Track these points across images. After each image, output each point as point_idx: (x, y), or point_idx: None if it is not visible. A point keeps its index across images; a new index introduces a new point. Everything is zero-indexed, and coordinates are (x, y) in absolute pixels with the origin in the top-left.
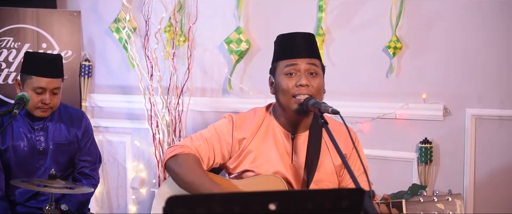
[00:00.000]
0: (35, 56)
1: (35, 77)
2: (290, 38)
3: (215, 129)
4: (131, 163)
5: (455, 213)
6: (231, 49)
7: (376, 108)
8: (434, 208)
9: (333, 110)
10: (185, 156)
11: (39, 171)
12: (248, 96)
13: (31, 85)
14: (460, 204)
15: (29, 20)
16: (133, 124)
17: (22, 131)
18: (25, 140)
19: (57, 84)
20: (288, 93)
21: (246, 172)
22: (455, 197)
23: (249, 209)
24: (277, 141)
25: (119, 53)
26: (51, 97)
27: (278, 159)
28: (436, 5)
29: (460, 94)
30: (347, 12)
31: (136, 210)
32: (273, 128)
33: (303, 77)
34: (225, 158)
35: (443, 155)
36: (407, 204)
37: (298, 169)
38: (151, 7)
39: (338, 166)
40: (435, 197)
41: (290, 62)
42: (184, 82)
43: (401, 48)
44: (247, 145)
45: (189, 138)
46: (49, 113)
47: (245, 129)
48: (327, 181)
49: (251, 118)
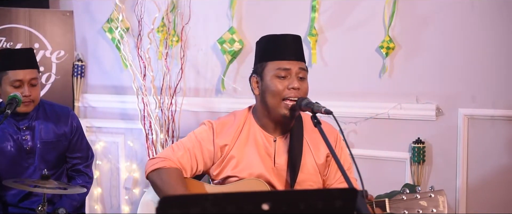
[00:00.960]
0: (6, 52)
1: (10, 71)
2: (281, 40)
3: (196, 137)
4: (124, 163)
5: (438, 209)
6: (224, 49)
7: (369, 108)
8: (417, 205)
9: (326, 109)
10: (168, 170)
11: (28, 170)
12: (241, 97)
13: (8, 81)
14: (443, 201)
15: (21, 20)
16: (126, 124)
17: (7, 131)
18: (11, 141)
19: (34, 75)
20: (278, 95)
21: (229, 177)
22: (438, 193)
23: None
24: (258, 144)
25: (112, 53)
26: (30, 90)
27: (260, 162)
28: (429, 5)
29: (453, 94)
30: (340, 12)
31: (129, 210)
32: (254, 132)
33: (295, 81)
34: (208, 165)
35: (436, 155)
36: (391, 203)
37: (281, 171)
38: (144, 7)
39: (321, 164)
40: (418, 195)
41: (282, 65)
42: (177, 82)
43: (394, 48)
44: (229, 151)
45: (171, 148)
46: (31, 106)
47: (225, 135)
48: (311, 181)
49: (231, 123)
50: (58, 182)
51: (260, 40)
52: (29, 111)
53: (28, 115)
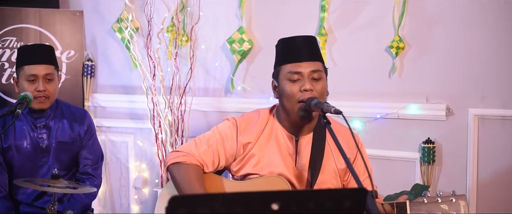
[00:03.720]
0: (24, 48)
1: (26, 66)
2: (292, 42)
3: (219, 133)
4: (134, 163)
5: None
6: (234, 49)
7: (379, 108)
8: (438, 209)
9: (336, 109)
10: (187, 166)
11: (42, 169)
12: (250, 96)
13: (24, 76)
14: (464, 205)
15: (32, 20)
16: (135, 124)
17: (25, 129)
18: (28, 138)
19: (49, 71)
20: (293, 98)
21: (250, 175)
22: (459, 198)
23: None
24: (280, 143)
25: (121, 53)
26: (45, 85)
27: (281, 161)
28: (439, 5)
29: (463, 94)
30: (349, 12)
31: (138, 210)
32: (276, 131)
33: (306, 82)
34: (229, 161)
35: (446, 155)
36: (411, 205)
37: (302, 171)
38: (153, 7)
39: (342, 169)
40: (439, 198)
41: (293, 67)
42: (187, 82)
43: (403, 48)
44: (251, 148)
45: (194, 142)
46: (47, 103)
47: (249, 133)
48: (330, 184)
49: (255, 121)
50: (68, 182)
51: (277, 43)
52: (44, 108)
53: (45, 113)
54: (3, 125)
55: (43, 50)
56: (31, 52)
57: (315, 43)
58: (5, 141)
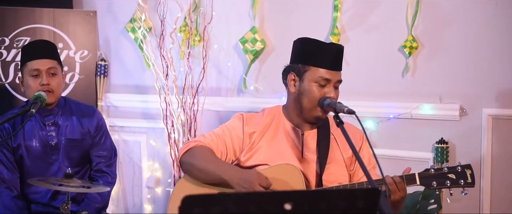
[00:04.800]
0: (26, 45)
1: (29, 62)
2: (329, 49)
3: (226, 126)
4: (147, 162)
5: (466, 181)
6: (246, 49)
7: (392, 108)
8: (446, 178)
9: (349, 109)
10: (199, 147)
11: (53, 167)
12: (263, 96)
13: (28, 72)
14: (470, 173)
15: (45, 20)
16: (148, 124)
17: (33, 127)
18: (37, 137)
19: (51, 65)
20: (315, 101)
21: (258, 165)
22: (465, 167)
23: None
24: (288, 136)
25: (134, 53)
26: (49, 79)
27: (290, 152)
28: (452, 4)
29: (477, 94)
30: (362, 11)
31: (151, 209)
32: (283, 125)
33: (332, 90)
34: (237, 153)
35: (460, 155)
36: (420, 176)
37: (310, 162)
38: (166, 7)
39: (348, 158)
40: (446, 168)
41: (326, 74)
42: (199, 82)
43: (417, 48)
44: (258, 140)
45: (202, 135)
46: (52, 97)
47: (254, 124)
48: (338, 173)
49: (260, 116)
50: (82, 181)
51: (303, 40)
52: (50, 102)
53: (53, 110)
54: (13, 125)
55: (44, 45)
56: (33, 48)
57: (343, 53)
58: (14, 140)
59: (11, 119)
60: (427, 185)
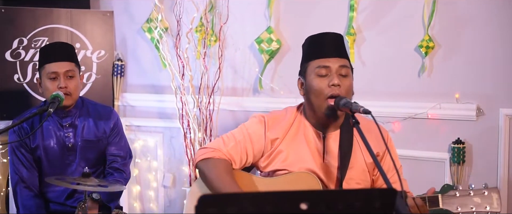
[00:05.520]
0: (44, 47)
1: (47, 65)
2: (320, 38)
3: (247, 130)
4: (163, 162)
5: (492, 206)
6: (262, 49)
7: (408, 108)
8: (471, 202)
9: (365, 109)
10: (217, 161)
11: (70, 168)
12: (278, 96)
13: (46, 74)
14: (497, 198)
15: (63, 20)
16: (164, 123)
17: (51, 128)
18: (54, 138)
19: (69, 67)
20: (321, 94)
21: (278, 170)
22: (491, 190)
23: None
24: (309, 140)
25: (151, 53)
26: (66, 82)
27: (310, 157)
28: (469, 4)
29: (494, 94)
30: (378, 11)
31: (167, 208)
32: (304, 128)
33: (335, 77)
34: (257, 158)
35: (476, 156)
36: (443, 198)
37: (330, 167)
38: (182, 7)
39: (370, 164)
40: (471, 191)
41: (322, 62)
42: (215, 81)
43: (433, 48)
44: (279, 144)
45: (221, 140)
46: (69, 100)
47: (277, 129)
48: (359, 179)
49: (282, 117)
50: (98, 180)
51: (304, 41)
52: (67, 104)
53: (71, 112)
54: (31, 125)
55: (63, 48)
56: (51, 51)
57: (342, 40)
58: (33, 141)
59: (29, 118)
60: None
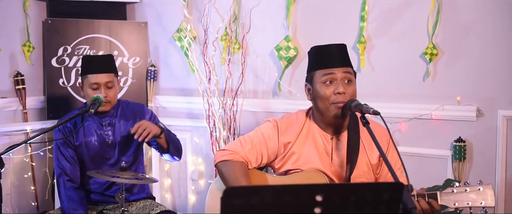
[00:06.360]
0: (87, 58)
1: (89, 75)
2: (326, 49)
3: (262, 134)
4: (191, 157)
5: (486, 202)
6: (281, 56)
7: (413, 109)
8: (467, 198)
9: (374, 110)
10: (234, 163)
11: (110, 162)
12: (295, 98)
13: (88, 83)
14: (491, 194)
15: (103, 31)
16: (193, 123)
17: (92, 127)
18: (95, 136)
19: (110, 79)
20: (327, 100)
21: (290, 170)
22: (486, 187)
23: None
24: (317, 142)
25: (181, 59)
26: (107, 91)
27: (318, 158)
28: (470, 14)
29: (493, 97)
30: (386, 21)
31: (195, 199)
32: (313, 131)
33: (340, 85)
34: (271, 159)
35: (476, 153)
36: (442, 195)
37: (337, 167)
38: (209, 18)
39: (374, 164)
40: (468, 188)
41: (328, 71)
42: (238, 85)
43: (437, 55)
44: (291, 147)
45: (239, 142)
46: (108, 106)
47: (289, 134)
48: (364, 178)
49: (294, 122)
50: (134, 173)
51: (310, 50)
52: (106, 110)
53: (109, 112)
54: (74, 124)
55: (104, 60)
56: (93, 63)
57: (346, 50)
58: (76, 139)
59: (72, 118)
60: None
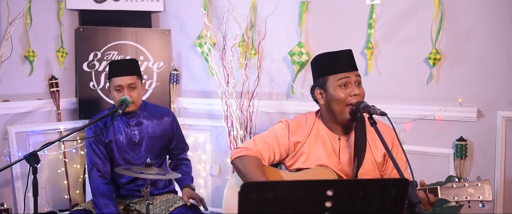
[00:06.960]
0: (112, 63)
1: (113, 78)
2: (337, 56)
3: (274, 133)
4: (210, 155)
5: (484, 196)
6: (294, 61)
7: (418, 110)
8: (465, 192)
9: (381, 111)
10: (249, 158)
11: (137, 159)
12: (307, 100)
13: (113, 86)
14: (489, 189)
15: (129, 37)
16: (212, 123)
17: (121, 126)
18: (123, 134)
19: (131, 81)
20: (343, 102)
21: (301, 169)
22: (484, 182)
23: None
24: (326, 142)
25: (201, 64)
26: (130, 92)
27: (326, 157)
28: (472, 21)
29: (493, 99)
30: (393, 28)
31: (213, 194)
32: (322, 132)
33: (355, 88)
34: (283, 156)
35: (477, 151)
36: (442, 190)
37: (344, 166)
38: (228, 26)
39: (379, 162)
40: (466, 183)
41: (343, 75)
42: (254, 88)
43: (440, 59)
44: (301, 147)
45: (253, 140)
46: (133, 107)
47: (298, 134)
48: (369, 175)
49: (304, 124)
50: (158, 169)
51: (317, 58)
52: (131, 111)
53: (136, 113)
54: (105, 123)
55: (126, 63)
56: (117, 67)
57: (353, 55)
58: (106, 137)
59: (102, 118)
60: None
